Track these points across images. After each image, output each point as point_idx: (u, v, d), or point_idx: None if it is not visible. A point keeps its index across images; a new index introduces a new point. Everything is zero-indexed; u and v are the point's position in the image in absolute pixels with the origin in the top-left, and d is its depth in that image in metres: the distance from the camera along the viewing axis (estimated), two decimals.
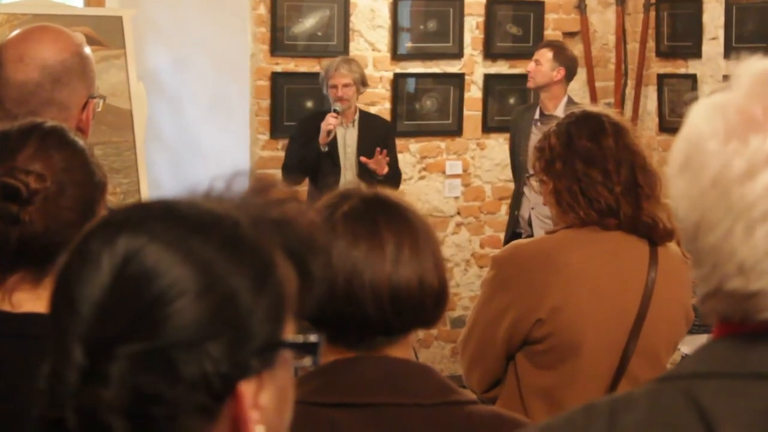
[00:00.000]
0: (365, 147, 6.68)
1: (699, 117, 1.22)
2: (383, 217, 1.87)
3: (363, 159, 6.60)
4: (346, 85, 6.61)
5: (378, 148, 6.61)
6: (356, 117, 6.78)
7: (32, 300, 1.87)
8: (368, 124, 6.80)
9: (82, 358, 1.03)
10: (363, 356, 1.84)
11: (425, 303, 1.86)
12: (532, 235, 6.63)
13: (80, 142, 2.00)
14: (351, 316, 1.82)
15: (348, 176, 6.62)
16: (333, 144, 6.62)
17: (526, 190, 6.67)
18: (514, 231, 6.77)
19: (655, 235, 2.93)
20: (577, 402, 2.75)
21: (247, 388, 1.07)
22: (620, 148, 2.93)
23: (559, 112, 6.71)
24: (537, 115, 6.80)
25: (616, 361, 2.89)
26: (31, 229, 1.86)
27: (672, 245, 2.98)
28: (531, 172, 3.06)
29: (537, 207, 6.65)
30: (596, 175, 2.89)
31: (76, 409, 1.03)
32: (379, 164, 6.60)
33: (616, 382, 2.89)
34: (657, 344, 2.94)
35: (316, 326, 1.85)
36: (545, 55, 6.81)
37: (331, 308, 1.81)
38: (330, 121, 6.51)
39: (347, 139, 6.70)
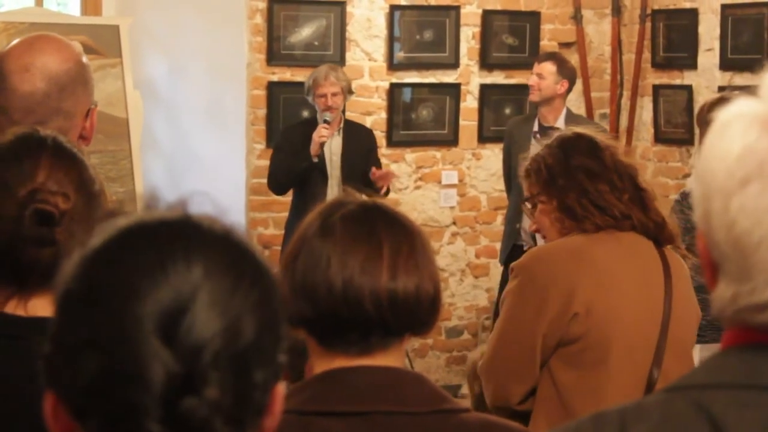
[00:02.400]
0: (350, 156, 6.67)
1: (756, 132, 1.21)
2: (381, 221, 1.88)
3: (373, 172, 6.60)
4: (335, 94, 6.57)
5: (385, 170, 6.66)
6: (341, 126, 6.76)
7: (47, 306, 1.88)
8: (353, 132, 6.79)
9: (174, 362, 1.02)
10: (356, 366, 1.85)
11: (421, 308, 1.87)
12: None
13: (78, 153, 2.02)
14: (348, 317, 1.83)
15: (334, 185, 6.60)
16: (320, 154, 6.59)
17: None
18: (514, 244, 6.72)
19: (662, 236, 3.02)
20: (618, 400, 2.74)
21: (280, 390, 1.10)
22: (617, 161, 3.03)
23: (560, 123, 6.71)
24: (536, 128, 6.79)
25: (650, 356, 2.95)
26: (62, 249, 1.88)
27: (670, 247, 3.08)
28: (526, 194, 3.09)
29: None
30: (603, 186, 2.97)
31: (165, 419, 1.02)
32: (384, 178, 6.62)
33: (652, 378, 2.94)
34: (685, 339, 3.03)
35: (312, 330, 1.86)
36: (549, 68, 6.78)
37: (328, 310, 1.83)
38: (322, 133, 6.49)
39: (333, 148, 6.67)
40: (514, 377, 2.98)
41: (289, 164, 6.58)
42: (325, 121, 6.52)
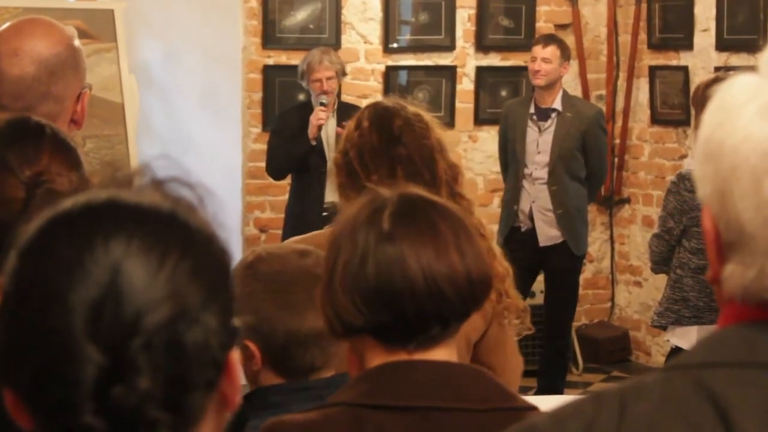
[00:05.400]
0: None
1: None
2: (433, 213, 1.85)
3: (338, 130, 6.48)
4: (329, 78, 6.54)
5: (338, 128, 6.54)
6: (335, 107, 6.73)
7: None
8: (346, 113, 6.76)
9: (100, 356, 1.01)
10: (415, 360, 1.82)
11: (476, 293, 1.85)
12: (533, 228, 6.65)
13: (71, 140, 2.03)
14: (432, 310, 1.80)
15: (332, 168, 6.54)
16: (318, 137, 6.57)
17: (525, 183, 6.67)
18: (512, 226, 6.72)
19: None
20: None
21: (235, 357, 1.10)
22: (384, 140, 2.82)
23: (557, 105, 6.72)
24: (532, 110, 6.77)
25: None
26: None
27: None
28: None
29: (537, 200, 6.65)
30: (355, 165, 2.83)
31: (99, 411, 1.02)
32: None
33: None
34: None
35: (377, 332, 1.82)
36: (554, 52, 6.75)
37: (384, 306, 1.79)
38: (320, 116, 6.47)
39: (329, 131, 6.64)
40: None
41: (287, 149, 6.55)
42: (322, 104, 6.50)
